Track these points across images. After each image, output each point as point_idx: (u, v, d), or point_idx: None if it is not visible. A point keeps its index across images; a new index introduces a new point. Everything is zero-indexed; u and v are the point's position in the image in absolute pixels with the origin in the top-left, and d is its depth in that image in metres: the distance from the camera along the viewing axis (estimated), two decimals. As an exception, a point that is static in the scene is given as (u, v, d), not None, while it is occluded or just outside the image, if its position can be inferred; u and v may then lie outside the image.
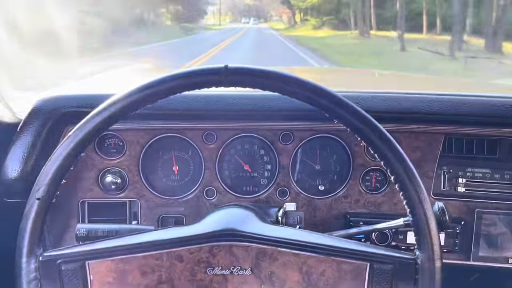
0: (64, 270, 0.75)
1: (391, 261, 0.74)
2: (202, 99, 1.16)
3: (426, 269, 0.71)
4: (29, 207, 0.72)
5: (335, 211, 1.25)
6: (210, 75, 0.71)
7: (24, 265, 0.72)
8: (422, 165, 1.21)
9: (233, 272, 0.77)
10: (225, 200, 1.25)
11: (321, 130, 1.22)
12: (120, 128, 1.20)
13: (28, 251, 0.72)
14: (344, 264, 0.76)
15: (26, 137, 1.11)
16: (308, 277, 0.76)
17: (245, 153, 1.27)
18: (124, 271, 0.76)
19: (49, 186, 0.72)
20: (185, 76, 0.71)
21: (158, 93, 0.72)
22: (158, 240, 0.78)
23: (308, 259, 0.76)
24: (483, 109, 1.16)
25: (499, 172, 1.23)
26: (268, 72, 0.71)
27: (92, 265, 0.76)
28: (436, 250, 0.71)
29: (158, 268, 0.77)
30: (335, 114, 0.72)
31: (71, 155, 0.72)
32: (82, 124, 0.72)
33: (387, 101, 1.16)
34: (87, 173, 1.23)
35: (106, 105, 0.72)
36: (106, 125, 0.73)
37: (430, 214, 0.71)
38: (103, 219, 1.25)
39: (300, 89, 0.71)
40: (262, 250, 0.77)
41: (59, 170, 0.72)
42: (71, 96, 1.16)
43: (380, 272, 0.75)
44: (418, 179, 0.71)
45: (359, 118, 0.72)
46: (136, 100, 0.72)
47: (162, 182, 1.26)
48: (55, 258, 0.74)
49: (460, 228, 1.22)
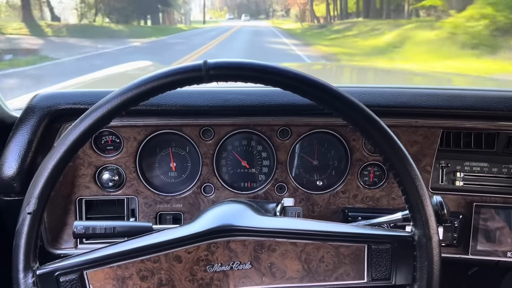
0: (62, 281, 0.74)
1: (389, 241, 0.75)
2: (199, 95, 1.15)
3: (423, 245, 0.72)
4: (21, 222, 0.72)
5: (333, 206, 1.25)
6: (190, 73, 0.71)
7: (22, 281, 0.72)
8: (420, 160, 1.21)
9: (233, 268, 0.77)
10: (223, 196, 1.24)
11: (319, 125, 1.22)
12: (117, 125, 1.19)
13: (24, 267, 0.72)
14: (342, 248, 0.76)
15: (22, 134, 1.10)
16: (307, 265, 0.77)
17: (242, 149, 1.26)
18: (123, 277, 0.76)
19: (39, 199, 0.71)
20: (164, 76, 0.70)
21: (137, 96, 0.71)
22: (155, 243, 0.78)
23: (306, 246, 0.76)
24: (480, 103, 1.16)
25: (497, 166, 1.23)
26: (247, 64, 0.71)
27: (90, 274, 0.75)
28: (432, 225, 0.72)
29: (158, 270, 0.77)
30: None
31: (59, 166, 0.72)
32: (64, 137, 0.72)
33: (384, 96, 1.16)
34: (84, 170, 1.22)
35: (84, 117, 0.71)
36: (89, 136, 0.73)
37: (424, 194, 0.72)
38: (100, 217, 1.24)
39: (281, 78, 0.71)
40: (260, 242, 0.77)
41: (48, 182, 0.72)
42: (67, 93, 1.16)
43: (379, 252, 0.75)
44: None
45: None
46: (116, 106, 0.71)
47: (160, 178, 1.26)
48: (52, 270, 0.74)
49: (458, 222, 1.22)
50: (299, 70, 0.71)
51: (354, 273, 0.76)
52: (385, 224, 1.13)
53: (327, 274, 0.77)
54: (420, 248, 0.72)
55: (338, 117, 0.73)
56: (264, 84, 0.72)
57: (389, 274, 0.76)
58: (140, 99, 0.71)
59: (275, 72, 0.71)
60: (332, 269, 0.77)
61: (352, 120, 0.72)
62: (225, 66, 0.71)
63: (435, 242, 0.72)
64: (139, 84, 0.71)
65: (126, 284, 0.76)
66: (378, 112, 0.75)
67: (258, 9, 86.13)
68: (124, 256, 0.76)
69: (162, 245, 0.77)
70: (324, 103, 0.72)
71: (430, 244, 0.72)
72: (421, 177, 0.72)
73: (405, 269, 0.75)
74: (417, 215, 0.72)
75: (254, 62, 0.71)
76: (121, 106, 0.71)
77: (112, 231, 0.90)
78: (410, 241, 0.74)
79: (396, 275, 0.75)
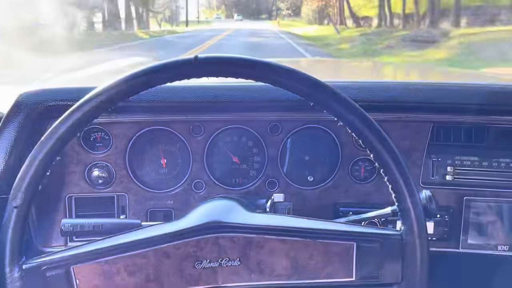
0: (49, 276, 0.74)
1: (377, 239, 0.75)
2: (188, 91, 1.14)
3: (411, 244, 0.72)
4: (8, 216, 0.71)
5: (325, 201, 1.25)
6: (180, 67, 0.70)
7: (8, 275, 0.71)
8: (411, 154, 1.21)
9: (221, 264, 0.76)
10: (214, 192, 1.24)
11: (310, 120, 1.22)
12: (106, 121, 1.18)
13: (10, 261, 0.71)
14: (331, 246, 0.76)
15: (9, 131, 1.09)
16: (296, 262, 0.76)
17: (233, 145, 1.25)
18: (111, 272, 0.75)
19: (25, 193, 0.71)
20: (154, 71, 0.70)
21: (127, 90, 0.70)
22: (143, 239, 0.77)
23: (295, 244, 0.76)
24: (470, 97, 1.16)
25: (487, 160, 1.23)
26: (238, 60, 0.70)
27: (77, 269, 0.75)
28: (420, 223, 0.72)
29: (145, 266, 0.76)
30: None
31: (46, 160, 0.71)
32: (53, 129, 0.71)
33: (373, 90, 1.16)
34: (73, 168, 1.21)
35: (70, 112, 0.71)
36: (76, 129, 0.72)
37: (415, 194, 0.72)
38: (91, 214, 1.23)
39: (272, 74, 0.70)
40: (249, 239, 0.76)
41: (35, 175, 0.71)
42: (54, 90, 1.14)
43: (367, 250, 0.75)
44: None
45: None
46: (104, 100, 0.70)
47: (150, 175, 1.25)
48: (39, 265, 0.74)
49: (449, 216, 1.22)
50: (290, 66, 0.71)
51: (342, 271, 0.76)
52: (376, 218, 1.14)
53: (316, 272, 0.76)
54: (408, 246, 0.72)
55: (328, 113, 0.72)
56: (255, 80, 0.71)
57: (378, 272, 0.75)
58: (130, 92, 0.71)
59: (267, 69, 0.70)
60: (321, 267, 0.76)
61: (341, 116, 0.72)
62: (216, 61, 0.70)
63: (424, 240, 0.72)
64: (130, 78, 0.70)
65: (114, 279, 0.76)
66: (367, 106, 0.75)
67: (259, 8, 69.88)
68: (111, 251, 0.76)
69: (150, 241, 0.76)
70: (313, 99, 0.71)
71: (419, 243, 0.72)
72: (412, 172, 0.72)
73: (393, 267, 0.75)
74: (406, 214, 0.72)
75: (246, 58, 0.71)
76: (111, 99, 0.70)
77: (100, 229, 0.89)
78: (398, 240, 0.74)
79: (385, 273, 0.75)
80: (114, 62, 2.44)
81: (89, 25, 24.70)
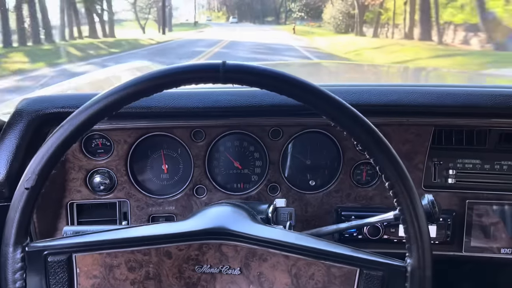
0: (50, 261, 0.74)
1: (381, 268, 0.73)
2: (189, 97, 1.14)
3: (416, 277, 0.71)
4: (18, 196, 0.71)
5: (327, 205, 1.25)
6: (208, 71, 0.70)
7: (10, 255, 0.71)
8: (412, 158, 1.21)
9: (222, 271, 0.76)
10: (215, 198, 1.24)
11: (311, 125, 1.21)
12: (107, 128, 1.18)
13: (14, 241, 0.71)
14: (334, 268, 0.75)
15: (10, 139, 1.09)
16: (297, 280, 0.75)
17: (234, 150, 1.25)
18: (111, 265, 0.75)
19: (38, 176, 0.70)
20: (182, 71, 0.70)
21: (154, 86, 0.70)
22: (147, 236, 0.77)
23: (298, 261, 0.75)
24: (471, 100, 1.15)
25: (489, 163, 1.23)
26: (266, 71, 0.70)
27: (79, 258, 0.75)
28: (427, 258, 0.71)
29: (146, 263, 0.76)
30: (324, 112, 0.71)
31: (62, 146, 0.71)
32: (75, 115, 0.71)
33: (374, 94, 1.15)
34: (75, 174, 1.21)
35: (100, 97, 0.70)
36: (99, 117, 0.71)
37: (422, 220, 0.70)
38: (92, 220, 1.23)
39: (297, 90, 0.70)
40: (252, 250, 0.76)
41: (49, 160, 0.71)
42: (55, 97, 1.14)
43: (370, 278, 0.74)
44: (408, 177, 0.70)
45: (348, 115, 0.71)
46: (134, 92, 0.70)
47: (151, 181, 1.25)
48: (42, 249, 0.74)
49: (451, 220, 1.22)
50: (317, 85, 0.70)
51: None
52: (378, 223, 1.13)
53: None
54: (412, 280, 0.71)
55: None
56: (279, 94, 0.71)
57: None
58: (154, 90, 0.70)
59: (289, 83, 0.70)
60: None
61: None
62: (245, 70, 0.70)
63: (427, 276, 0.71)
64: (155, 76, 0.70)
65: (113, 273, 0.75)
66: (368, 110, 0.75)
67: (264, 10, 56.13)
68: (114, 245, 0.76)
69: (154, 239, 0.76)
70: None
71: (423, 277, 0.71)
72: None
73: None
74: (413, 247, 0.71)
75: (274, 70, 0.70)
76: (133, 95, 0.70)
77: None
78: (403, 272, 0.72)
79: None
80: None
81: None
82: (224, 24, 51.22)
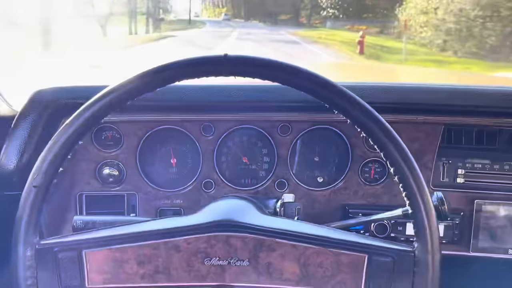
0: (60, 258, 0.74)
1: (390, 253, 0.74)
2: (199, 91, 1.15)
3: (424, 262, 0.71)
4: (26, 194, 0.72)
5: (334, 202, 1.25)
6: (209, 65, 0.70)
7: (21, 253, 0.72)
8: (421, 156, 1.21)
9: (230, 263, 0.77)
10: (223, 192, 1.24)
11: (320, 121, 1.22)
12: (117, 120, 1.19)
13: (24, 239, 0.72)
14: (342, 256, 0.75)
15: (23, 129, 1.10)
16: (305, 269, 0.76)
17: (243, 145, 1.26)
18: (121, 260, 0.76)
19: (46, 174, 0.71)
20: (183, 65, 0.70)
21: (155, 81, 0.71)
22: (155, 230, 0.78)
23: (306, 250, 0.75)
24: (482, 100, 1.15)
25: (499, 163, 1.22)
26: (268, 61, 0.70)
27: (88, 254, 0.75)
28: (434, 242, 0.70)
29: (155, 257, 0.76)
30: (334, 104, 0.71)
31: (68, 143, 0.72)
32: (80, 112, 0.72)
33: (385, 92, 1.15)
34: (85, 166, 1.22)
35: (104, 93, 0.71)
36: (104, 113, 0.72)
37: (429, 207, 0.71)
38: (101, 212, 1.24)
39: (299, 79, 0.70)
40: (260, 241, 0.76)
41: (56, 158, 0.71)
42: (68, 88, 1.15)
43: (379, 264, 0.74)
44: (418, 170, 0.71)
45: (359, 108, 0.71)
46: (134, 88, 0.71)
47: (160, 174, 1.26)
48: (51, 246, 0.74)
49: (459, 219, 1.21)
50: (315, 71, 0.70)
51: (351, 283, 0.75)
52: (386, 220, 1.13)
53: (324, 280, 0.76)
54: (420, 264, 0.71)
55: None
56: (282, 84, 0.71)
57: (388, 287, 0.74)
58: (158, 85, 0.71)
59: (293, 73, 0.70)
60: (329, 276, 0.75)
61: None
62: (246, 62, 0.70)
63: (436, 260, 0.70)
64: (158, 70, 0.70)
65: (123, 268, 0.76)
66: (378, 108, 0.74)
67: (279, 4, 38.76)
68: (124, 239, 0.76)
69: (163, 233, 0.77)
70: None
71: (431, 261, 0.70)
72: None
73: (403, 284, 0.73)
74: (421, 232, 0.71)
75: (274, 60, 0.71)
76: (138, 90, 0.71)
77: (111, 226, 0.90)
78: (411, 256, 0.72)
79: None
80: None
81: None
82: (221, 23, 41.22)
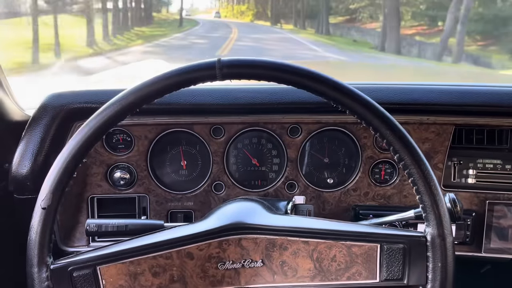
0: (75, 276, 0.75)
1: (401, 240, 0.74)
2: (209, 94, 1.15)
3: (436, 245, 0.71)
4: (36, 217, 0.72)
5: (344, 204, 1.25)
6: (204, 71, 0.71)
7: (36, 275, 0.73)
8: (432, 157, 1.20)
9: (244, 265, 0.77)
10: (233, 194, 1.25)
11: (329, 123, 1.22)
12: (128, 123, 1.20)
13: (38, 261, 0.72)
14: (354, 247, 0.76)
15: (35, 133, 1.12)
16: (319, 264, 0.76)
17: (253, 147, 1.26)
18: (136, 273, 0.77)
19: (53, 195, 0.72)
20: (178, 74, 0.71)
21: (151, 94, 0.71)
22: (167, 240, 0.78)
23: (318, 245, 0.76)
24: (493, 99, 1.14)
25: (510, 163, 1.21)
26: (261, 62, 0.71)
27: (103, 270, 0.76)
28: (445, 225, 0.71)
29: (169, 267, 0.77)
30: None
31: (73, 163, 0.72)
32: (78, 133, 0.73)
33: (395, 93, 1.15)
34: (96, 169, 1.23)
35: (96, 115, 0.72)
36: (101, 132, 0.73)
37: (438, 193, 0.71)
38: (112, 215, 1.25)
39: (295, 77, 0.71)
40: (272, 240, 0.77)
41: (62, 177, 0.72)
42: (79, 92, 1.17)
43: (391, 252, 0.75)
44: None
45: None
46: (130, 103, 0.71)
47: (171, 177, 1.27)
48: (66, 265, 0.75)
49: (471, 220, 1.21)
50: (311, 68, 0.71)
51: (366, 273, 0.76)
52: (397, 222, 1.13)
53: (339, 274, 0.76)
54: (433, 248, 0.71)
55: (351, 115, 0.72)
56: (278, 83, 0.72)
57: (402, 274, 0.75)
58: (154, 96, 0.72)
59: (289, 71, 0.71)
60: (344, 268, 0.76)
61: (365, 118, 0.72)
62: (239, 64, 0.71)
63: (449, 243, 0.71)
64: (153, 82, 0.71)
65: (138, 280, 0.77)
66: (389, 109, 0.75)
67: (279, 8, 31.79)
68: (136, 252, 0.77)
69: (174, 242, 0.77)
70: (338, 101, 0.71)
71: (443, 245, 0.71)
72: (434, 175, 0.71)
73: (418, 269, 0.74)
74: (431, 216, 0.71)
75: (267, 60, 0.71)
76: (134, 103, 0.72)
77: (124, 229, 0.91)
78: (423, 241, 0.73)
79: (409, 275, 0.74)
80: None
81: None
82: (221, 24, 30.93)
